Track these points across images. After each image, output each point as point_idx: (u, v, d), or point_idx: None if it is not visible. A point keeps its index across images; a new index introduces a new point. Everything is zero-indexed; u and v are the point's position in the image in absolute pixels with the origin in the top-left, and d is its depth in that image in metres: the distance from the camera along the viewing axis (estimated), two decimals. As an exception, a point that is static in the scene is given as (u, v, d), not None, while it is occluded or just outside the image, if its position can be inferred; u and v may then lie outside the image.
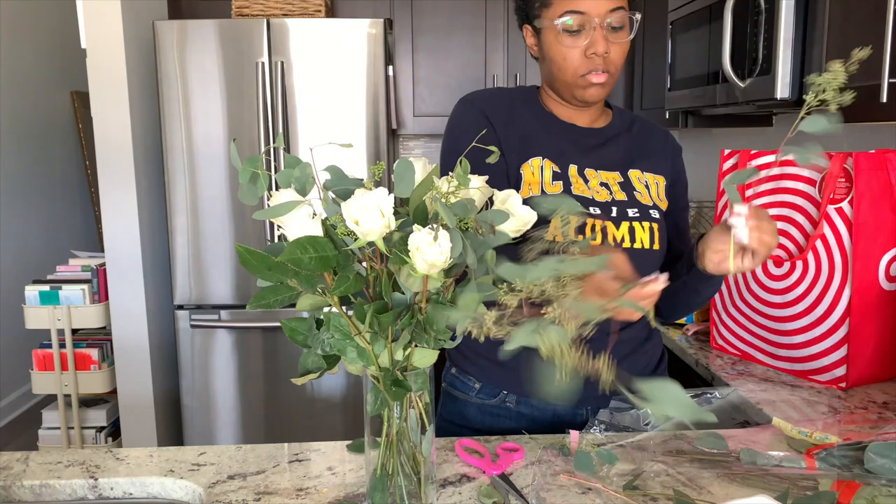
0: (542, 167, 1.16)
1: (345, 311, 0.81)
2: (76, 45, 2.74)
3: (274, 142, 2.62)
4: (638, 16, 1.13)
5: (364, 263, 0.80)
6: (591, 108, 1.22)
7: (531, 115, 1.22)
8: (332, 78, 2.62)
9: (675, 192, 1.25)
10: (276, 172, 2.62)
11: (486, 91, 1.28)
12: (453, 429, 1.26)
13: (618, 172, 1.19)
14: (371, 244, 0.75)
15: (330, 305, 0.81)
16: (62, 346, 2.61)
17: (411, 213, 0.77)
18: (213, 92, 2.62)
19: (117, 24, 2.50)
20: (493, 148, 0.81)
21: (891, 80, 1.27)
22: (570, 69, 1.13)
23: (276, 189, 0.78)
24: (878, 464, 0.91)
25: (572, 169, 1.17)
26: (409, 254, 0.72)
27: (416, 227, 0.73)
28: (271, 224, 2.66)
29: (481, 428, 1.23)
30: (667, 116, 2.48)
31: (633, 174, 1.20)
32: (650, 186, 1.20)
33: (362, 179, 0.78)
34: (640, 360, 1.23)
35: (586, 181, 1.17)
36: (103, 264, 2.65)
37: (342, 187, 0.78)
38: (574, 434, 1.08)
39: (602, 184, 1.17)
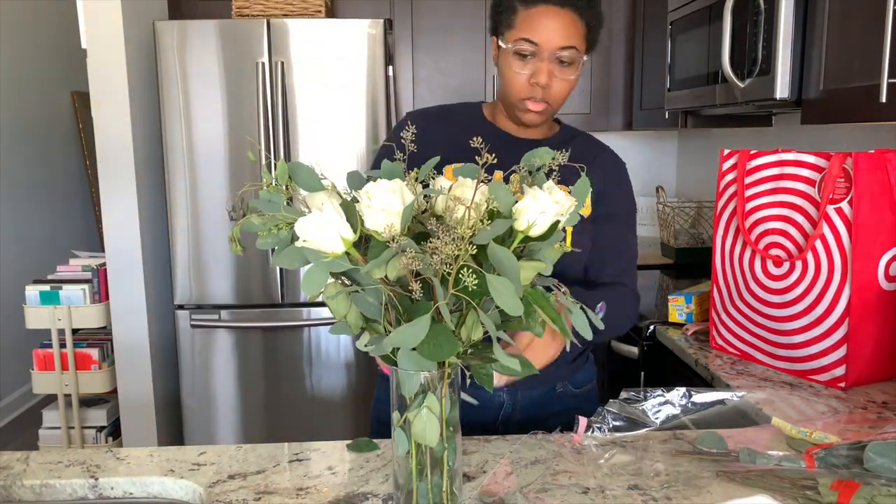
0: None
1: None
2: (76, 45, 2.74)
3: (274, 142, 2.62)
4: (586, 58, 1.21)
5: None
6: (531, 128, 1.29)
7: (468, 125, 1.30)
8: (332, 78, 2.62)
9: (603, 201, 1.28)
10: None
11: (431, 108, 1.38)
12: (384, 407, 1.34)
13: None
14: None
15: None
16: (62, 345, 2.61)
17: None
18: (213, 92, 2.62)
19: (117, 24, 2.51)
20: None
21: (890, 81, 1.27)
22: (514, 91, 1.21)
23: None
24: (878, 463, 0.91)
25: (497, 175, 1.19)
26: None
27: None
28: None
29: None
30: (666, 116, 2.48)
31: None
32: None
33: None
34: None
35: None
36: (104, 264, 2.65)
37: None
38: (582, 420, 1.09)
39: None
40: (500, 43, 1.22)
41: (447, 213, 0.80)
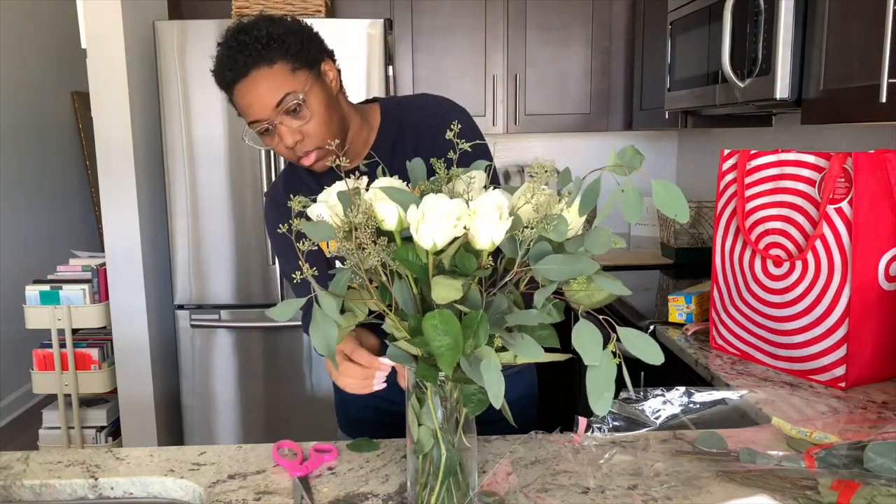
0: None
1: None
2: (76, 46, 2.74)
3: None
4: (301, 96, 1.11)
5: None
6: (346, 153, 1.22)
7: (309, 177, 1.27)
8: (332, 78, 2.62)
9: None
10: (275, 174, 2.62)
11: (279, 178, 1.34)
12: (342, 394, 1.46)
13: None
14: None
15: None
16: (62, 345, 2.61)
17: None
18: (213, 92, 2.59)
19: (117, 24, 2.51)
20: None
21: (890, 81, 1.27)
22: (288, 158, 1.18)
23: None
24: (878, 463, 0.91)
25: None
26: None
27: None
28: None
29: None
30: (666, 116, 2.48)
31: None
32: None
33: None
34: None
35: None
36: (103, 264, 2.65)
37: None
38: (582, 420, 1.08)
39: None
40: (245, 135, 1.21)
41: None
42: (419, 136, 1.23)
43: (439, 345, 0.72)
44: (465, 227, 0.75)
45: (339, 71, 1.21)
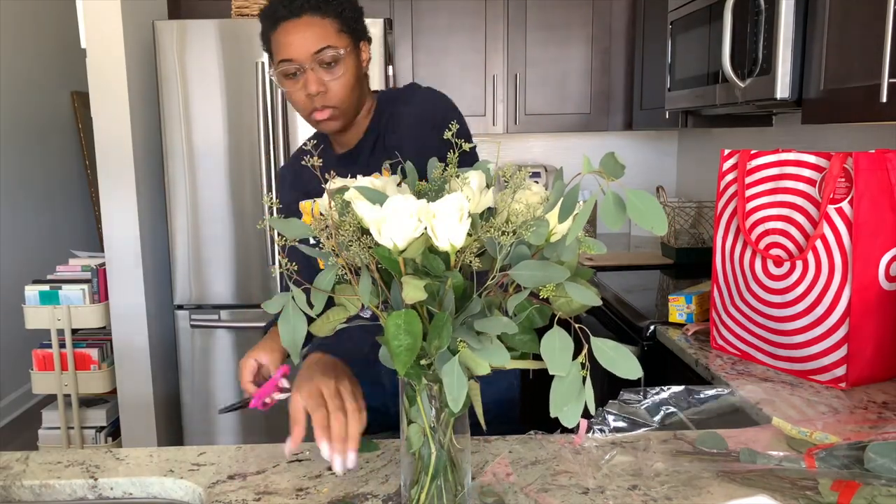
0: (311, 209, 1.26)
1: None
2: (76, 45, 2.74)
3: (274, 142, 2.62)
4: (342, 51, 1.19)
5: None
6: (348, 130, 1.29)
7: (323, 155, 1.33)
8: (332, 78, 2.62)
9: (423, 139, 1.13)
10: (275, 174, 2.62)
11: (293, 156, 1.41)
12: None
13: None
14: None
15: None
16: (62, 345, 2.61)
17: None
18: (213, 92, 2.62)
19: (117, 24, 2.51)
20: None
21: (891, 80, 1.27)
22: (300, 110, 1.25)
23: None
24: (878, 463, 0.91)
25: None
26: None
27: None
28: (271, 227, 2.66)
29: None
30: (667, 116, 2.48)
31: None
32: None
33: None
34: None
35: None
36: (103, 264, 2.65)
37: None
38: (583, 422, 1.08)
39: None
40: (271, 73, 1.25)
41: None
42: (404, 137, 1.26)
43: (398, 344, 0.72)
44: (425, 229, 0.74)
45: (370, 57, 1.29)
